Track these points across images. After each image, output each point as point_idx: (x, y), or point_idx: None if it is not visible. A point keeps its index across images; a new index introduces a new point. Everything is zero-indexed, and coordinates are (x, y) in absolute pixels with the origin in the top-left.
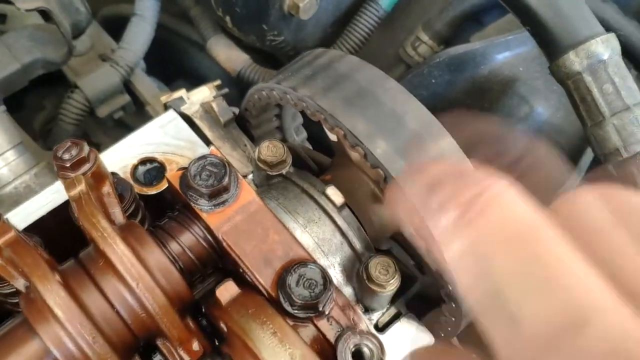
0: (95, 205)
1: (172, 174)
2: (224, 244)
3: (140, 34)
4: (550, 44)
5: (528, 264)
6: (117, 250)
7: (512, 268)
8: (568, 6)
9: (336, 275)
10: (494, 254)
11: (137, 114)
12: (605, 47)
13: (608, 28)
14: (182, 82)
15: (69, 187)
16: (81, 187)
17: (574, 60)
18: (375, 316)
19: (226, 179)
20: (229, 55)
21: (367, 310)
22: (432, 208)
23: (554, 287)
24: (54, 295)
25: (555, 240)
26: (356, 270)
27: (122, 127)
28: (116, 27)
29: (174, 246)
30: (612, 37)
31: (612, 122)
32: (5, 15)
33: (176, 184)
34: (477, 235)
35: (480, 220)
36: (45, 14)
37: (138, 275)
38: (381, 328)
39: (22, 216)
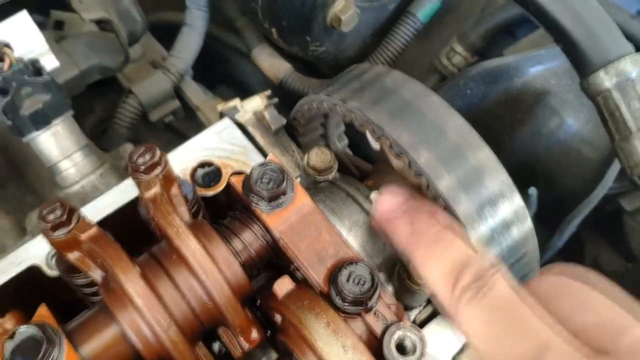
0: (170, 205)
1: (235, 178)
2: (281, 242)
3: (190, 43)
4: (582, 62)
5: (512, 320)
6: (190, 246)
7: (502, 324)
8: (599, 26)
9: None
10: (493, 314)
11: (186, 118)
12: (633, 66)
13: (637, 43)
14: (225, 88)
15: (145, 188)
16: (156, 188)
17: (604, 78)
18: (413, 313)
19: (284, 184)
20: (272, 63)
21: (406, 308)
22: (456, 291)
23: (528, 330)
24: (134, 284)
25: (529, 308)
26: (397, 270)
27: (171, 131)
28: (163, 34)
29: (236, 243)
30: None
31: (638, 136)
32: (63, 22)
33: (239, 187)
34: (486, 303)
35: (488, 294)
36: (101, 22)
37: (207, 268)
38: (419, 325)
39: (91, 213)
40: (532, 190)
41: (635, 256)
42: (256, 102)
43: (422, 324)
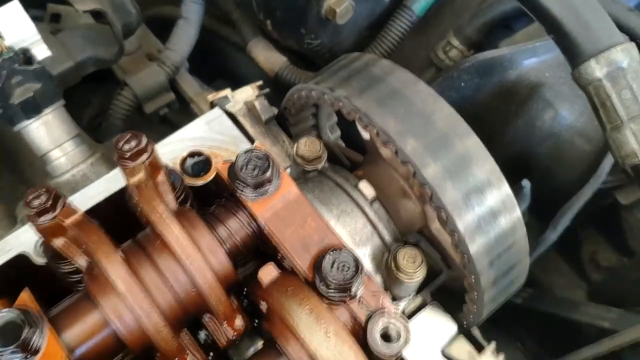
0: (154, 191)
1: (221, 165)
2: (266, 229)
3: (185, 36)
4: (573, 52)
5: None
6: (174, 232)
7: None
8: (590, 16)
9: (366, 264)
10: None
11: (181, 111)
12: (624, 55)
13: (633, 36)
14: (221, 81)
15: (130, 174)
16: (141, 175)
17: (595, 67)
18: (402, 304)
19: (269, 171)
20: (267, 56)
21: (395, 298)
22: None
23: None
24: (116, 270)
25: None
26: (385, 260)
27: (166, 123)
28: (160, 27)
29: (221, 230)
30: (631, 46)
31: (629, 126)
32: (60, 15)
33: (224, 174)
34: None
35: None
36: (96, 14)
37: (191, 254)
38: (408, 315)
39: (81, 201)
40: (526, 183)
41: (632, 251)
42: (247, 93)
43: (411, 315)
